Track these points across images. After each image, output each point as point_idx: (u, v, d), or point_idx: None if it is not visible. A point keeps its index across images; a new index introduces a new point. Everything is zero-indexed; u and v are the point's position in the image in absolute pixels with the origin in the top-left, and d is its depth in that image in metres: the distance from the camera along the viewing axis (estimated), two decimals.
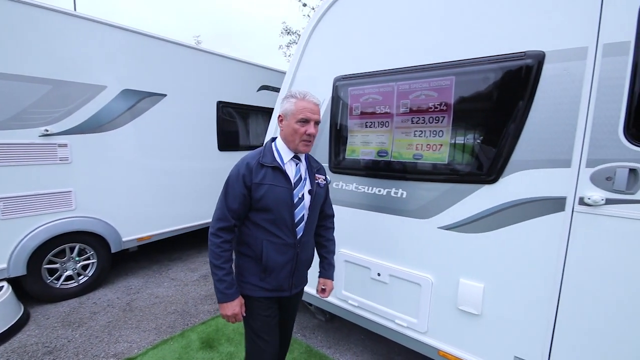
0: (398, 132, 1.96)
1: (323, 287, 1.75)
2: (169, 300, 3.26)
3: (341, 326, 2.87)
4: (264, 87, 4.85)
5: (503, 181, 1.62)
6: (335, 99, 2.22)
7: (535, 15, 1.51)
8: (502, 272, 1.65)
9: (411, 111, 1.90)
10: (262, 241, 1.44)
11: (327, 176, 1.69)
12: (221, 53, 4.37)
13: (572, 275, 1.47)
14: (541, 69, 1.49)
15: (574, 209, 1.44)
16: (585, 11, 1.39)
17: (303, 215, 1.50)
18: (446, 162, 1.79)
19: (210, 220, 1.50)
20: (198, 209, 4.20)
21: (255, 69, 4.81)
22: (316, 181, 1.56)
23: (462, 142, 1.74)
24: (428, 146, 1.85)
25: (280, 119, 1.49)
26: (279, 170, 1.43)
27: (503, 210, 1.62)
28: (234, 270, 1.48)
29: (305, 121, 1.43)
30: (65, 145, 3.04)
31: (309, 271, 1.66)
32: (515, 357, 1.65)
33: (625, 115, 1.32)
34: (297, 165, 1.52)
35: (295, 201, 1.46)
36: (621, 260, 1.36)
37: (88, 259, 3.39)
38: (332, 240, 1.78)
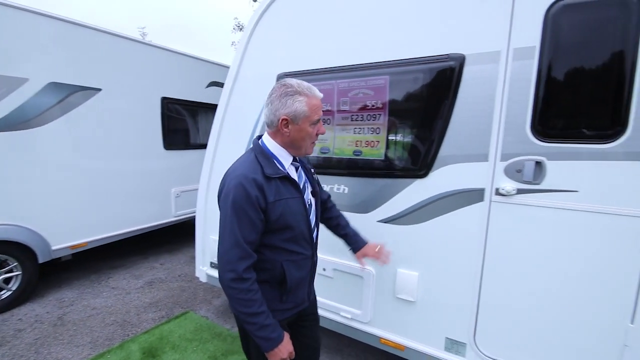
0: (339, 129, 2.01)
1: (365, 255, 1.56)
2: (108, 310, 3.03)
3: None
4: (214, 84, 4.69)
5: (432, 175, 1.73)
6: None
7: (457, 20, 1.62)
8: (433, 260, 1.77)
9: (351, 109, 1.95)
10: (280, 263, 1.23)
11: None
12: (166, 46, 4.14)
13: (491, 260, 1.61)
14: (462, 70, 1.61)
15: (492, 200, 1.58)
16: (499, 17, 1.52)
17: (315, 221, 1.36)
18: (383, 158, 1.86)
19: (157, 222, 1.24)
20: (142, 211, 3.96)
21: (204, 64, 4.62)
22: (314, 178, 1.41)
23: (397, 139, 1.83)
24: (367, 143, 1.92)
25: (286, 122, 1.17)
26: (288, 180, 1.22)
27: (433, 202, 1.73)
28: None
29: (319, 121, 1.24)
30: None
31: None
32: (447, 338, 1.77)
33: (532, 114, 1.47)
34: (297, 169, 1.31)
35: (307, 209, 1.29)
36: (531, 244, 1.52)
37: (11, 271, 3.03)
38: (341, 216, 1.61)
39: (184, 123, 4.50)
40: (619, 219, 1.35)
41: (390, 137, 1.84)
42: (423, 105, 1.73)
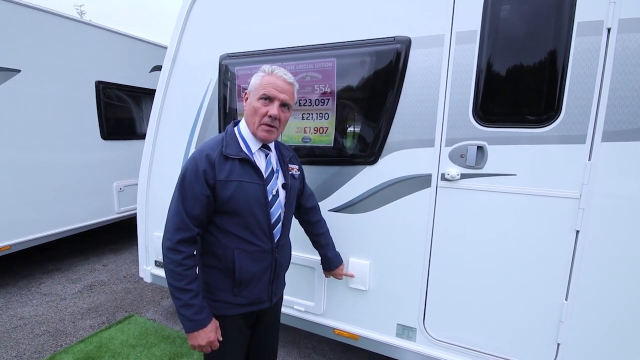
0: None
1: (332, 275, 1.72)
2: (38, 320, 2.71)
3: None
4: (159, 68, 4.32)
5: (382, 162, 1.69)
6: (223, 79, 2.05)
7: (403, 2, 1.57)
8: (384, 247, 1.75)
9: (298, 93, 1.84)
10: (232, 250, 1.19)
11: (300, 164, 1.47)
12: (101, 25, 3.72)
13: (438, 245, 1.62)
14: (408, 54, 1.57)
15: (438, 185, 1.58)
16: (442, 0, 1.49)
17: (280, 214, 1.28)
18: (332, 145, 1.80)
19: (98, 219, 1.15)
20: (79, 208, 3.57)
21: (147, 46, 4.24)
22: (290, 172, 1.34)
23: (346, 124, 1.77)
24: (316, 129, 1.84)
25: (245, 96, 1.25)
26: (249, 163, 1.18)
27: (383, 189, 1.70)
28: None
29: (268, 99, 1.18)
30: None
31: None
32: (398, 324, 1.78)
33: (473, 98, 1.48)
34: (267, 156, 1.27)
35: (269, 199, 1.23)
36: (474, 228, 1.55)
37: None
38: (324, 234, 1.62)
39: (125, 110, 4.11)
40: (553, 200, 1.40)
41: (339, 123, 1.77)
42: (371, 89, 1.68)
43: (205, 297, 1.21)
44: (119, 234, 4.74)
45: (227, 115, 2.07)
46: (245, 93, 1.26)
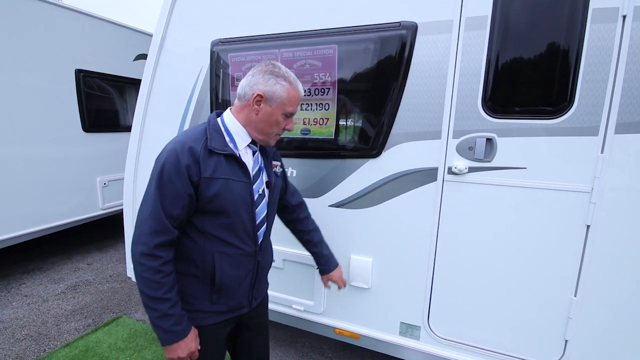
0: None
1: (331, 279, 1.52)
2: (19, 323, 2.56)
3: None
4: (143, 56, 4.11)
5: (385, 155, 1.62)
6: (215, 67, 1.93)
7: None
8: (387, 244, 1.69)
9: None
10: (212, 254, 1.09)
11: (282, 161, 1.38)
12: (82, 10, 3.48)
13: (444, 241, 1.57)
14: (415, 40, 1.49)
15: (444, 179, 1.52)
16: None
17: (264, 215, 1.20)
18: (333, 137, 1.71)
19: (80, 216, 1.00)
20: (59, 205, 3.38)
21: (130, 33, 4.01)
22: (273, 169, 1.25)
23: (347, 115, 1.68)
24: (315, 120, 1.75)
25: (259, 99, 1.08)
26: (235, 160, 1.08)
27: (386, 183, 1.63)
28: None
29: (291, 115, 1.16)
30: None
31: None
32: (401, 322, 1.73)
33: (483, 88, 1.41)
34: (254, 153, 1.18)
35: (255, 199, 1.14)
36: (482, 223, 1.50)
37: None
38: (315, 230, 1.50)
39: (108, 101, 3.91)
40: (563, 194, 1.36)
41: (340, 114, 1.68)
42: (374, 78, 1.59)
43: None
44: (104, 231, 4.56)
45: (220, 106, 1.95)
46: (261, 96, 1.08)
